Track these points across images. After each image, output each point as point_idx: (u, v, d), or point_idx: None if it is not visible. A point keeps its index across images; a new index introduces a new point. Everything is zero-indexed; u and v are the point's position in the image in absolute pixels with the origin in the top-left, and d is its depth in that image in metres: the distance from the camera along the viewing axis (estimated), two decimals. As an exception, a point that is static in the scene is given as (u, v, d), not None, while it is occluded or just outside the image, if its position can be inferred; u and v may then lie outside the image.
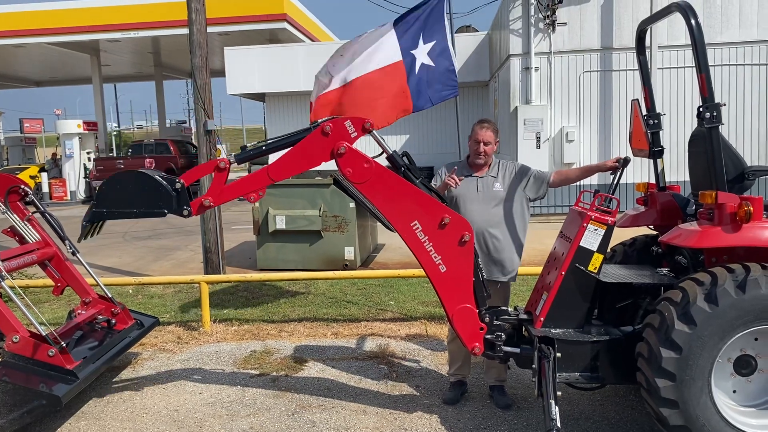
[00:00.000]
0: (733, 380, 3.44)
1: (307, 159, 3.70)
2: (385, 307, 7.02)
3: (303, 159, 3.70)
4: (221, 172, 3.76)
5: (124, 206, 3.79)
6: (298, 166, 3.71)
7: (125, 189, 3.78)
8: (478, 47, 18.03)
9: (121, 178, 3.83)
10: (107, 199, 3.82)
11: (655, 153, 4.30)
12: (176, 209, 3.76)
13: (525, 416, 4.23)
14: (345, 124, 3.66)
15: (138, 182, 3.78)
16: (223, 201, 3.82)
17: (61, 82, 36.18)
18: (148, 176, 3.77)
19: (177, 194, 3.75)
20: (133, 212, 3.78)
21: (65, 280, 5.22)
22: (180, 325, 6.62)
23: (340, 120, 3.68)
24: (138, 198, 3.76)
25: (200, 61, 8.08)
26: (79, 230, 4.02)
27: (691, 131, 4.12)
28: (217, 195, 3.76)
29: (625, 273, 4.07)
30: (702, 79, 3.39)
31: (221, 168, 3.76)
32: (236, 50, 19.75)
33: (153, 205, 3.75)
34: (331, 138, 3.65)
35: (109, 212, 3.83)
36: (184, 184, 3.78)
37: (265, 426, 4.24)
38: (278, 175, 3.72)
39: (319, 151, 3.67)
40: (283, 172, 3.73)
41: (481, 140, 4.24)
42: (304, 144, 3.70)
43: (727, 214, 3.37)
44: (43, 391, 4.03)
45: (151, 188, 3.74)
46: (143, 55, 27.61)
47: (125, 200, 3.78)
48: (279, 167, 3.72)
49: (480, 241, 4.17)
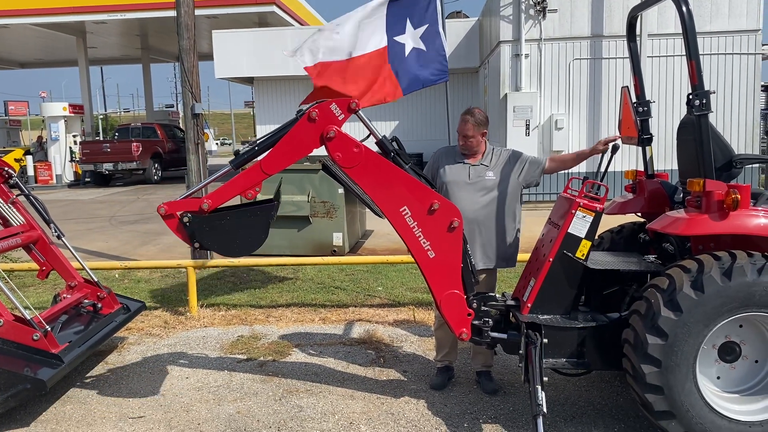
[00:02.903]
0: (717, 366, 3.48)
1: (297, 148, 3.65)
2: (373, 293, 7.02)
3: (294, 148, 3.64)
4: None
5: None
6: (290, 156, 3.65)
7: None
8: (469, 33, 17.96)
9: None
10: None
11: (644, 140, 4.30)
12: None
13: (511, 401, 4.25)
14: (331, 107, 3.61)
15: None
16: (221, 203, 3.66)
17: (46, 64, 35.63)
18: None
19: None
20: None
21: (50, 264, 5.18)
22: (167, 309, 6.60)
23: (325, 104, 3.63)
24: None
25: (188, 43, 7.98)
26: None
27: (679, 120, 4.12)
28: (216, 197, 3.65)
29: (612, 260, 4.08)
30: (692, 67, 3.38)
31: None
32: (224, 33, 19.56)
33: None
34: (319, 123, 3.61)
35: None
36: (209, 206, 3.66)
37: (252, 410, 4.24)
38: (272, 168, 3.65)
39: (308, 138, 3.62)
40: (276, 164, 3.65)
41: (460, 134, 4.23)
42: (292, 133, 3.64)
43: (715, 202, 3.38)
44: (28, 375, 4.00)
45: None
46: (130, 38, 27.26)
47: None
48: (272, 160, 3.66)
49: (470, 229, 4.16)
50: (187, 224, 3.60)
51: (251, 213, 3.68)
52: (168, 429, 4.02)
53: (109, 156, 21.66)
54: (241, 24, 21.90)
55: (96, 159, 21.73)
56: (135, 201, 17.40)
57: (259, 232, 3.67)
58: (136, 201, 17.38)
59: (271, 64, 19.03)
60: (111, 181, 23.14)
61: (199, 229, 3.61)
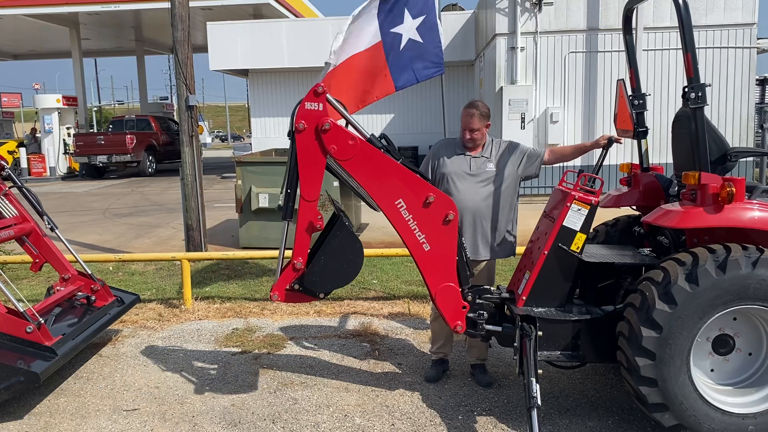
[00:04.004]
0: (711, 359, 3.49)
1: (314, 160, 3.61)
2: (368, 285, 7.02)
3: (312, 163, 3.61)
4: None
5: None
6: (314, 172, 3.62)
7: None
8: (464, 26, 17.90)
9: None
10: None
11: (640, 134, 4.30)
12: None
13: (506, 394, 4.26)
14: (306, 107, 3.55)
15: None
16: (306, 252, 3.70)
17: (39, 56, 35.37)
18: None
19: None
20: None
21: (43, 256, 5.16)
22: (161, 302, 6.58)
23: (299, 109, 3.57)
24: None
25: (182, 35, 7.94)
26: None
27: (674, 114, 4.12)
28: (299, 252, 3.66)
29: (607, 253, 4.09)
30: (688, 59, 3.38)
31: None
32: (219, 25, 19.44)
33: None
34: (309, 126, 3.57)
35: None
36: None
37: (247, 403, 4.23)
38: (311, 193, 3.63)
39: (313, 146, 3.59)
40: (311, 188, 3.63)
41: (466, 128, 4.20)
42: (299, 153, 3.60)
43: (710, 195, 3.39)
44: (21, 368, 3.99)
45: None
46: (124, 29, 27.08)
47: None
48: (306, 187, 3.63)
49: (471, 220, 4.16)
50: (300, 289, 3.73)
51: (332, 238, 3.73)
52: (162, 421, 4.02)
53: (103, 148, 21.57)
54: (236, 16, 21.77)
55: (90, 151, 21.64)
56: (129, 194, 17.34)
57: (353, 243, 3.73)
58: (131, 194, 17.32)
59: (266, 56, 18.93)
60: (105, 174, 23.06)
61: (311, 284, 3.71)
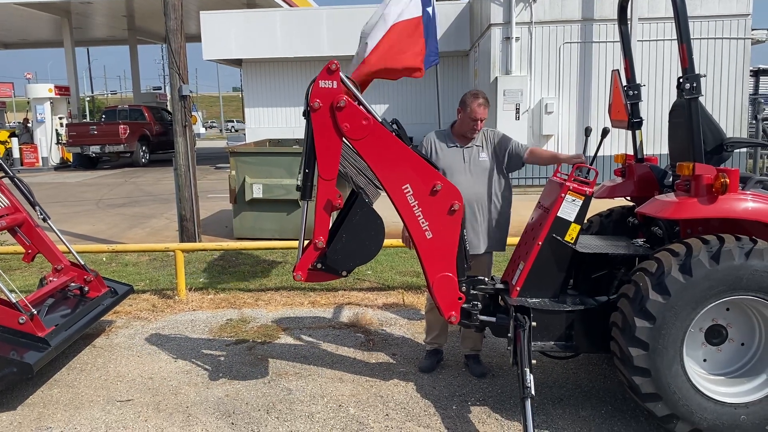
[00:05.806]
0: (703, 349, 3.50)
1: (331, 139, 3.59)
2: (363, 276, 7.02)
3: (329, 142, 3.59)
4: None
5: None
6: (332, 152, 3.61)
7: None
8: (459, 16, 17.84)
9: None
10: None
11: (634, 124, 4.29)
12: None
13: (500, 384, 4.28)
14: (320, 85, 3.53)
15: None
16: (327, 231, 3.72)
17: (31, 45, 35.07)
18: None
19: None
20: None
21: (36, 247, 5.13)
22: (155, 293, 6.56)
23: (314, 87, 3.56)
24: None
25: (175, 24, 7.88)
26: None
27: (668, 105, 4.11)
28: (320, 231, 3.70)
29: (601, 244, 4.09)
30: (683, 50, 3.37)
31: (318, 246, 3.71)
32: (212, 14, 19.30)
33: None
34: (324, 105, 3.54)
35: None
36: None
37: (241, 394, 4.23)
38: (329, 172, 3.63)
39: (329, 125, 3.57)
40: (329, 167, 3.62)
41: (479, 118, 4.12)
42: (316, 132, 3.58)
43: (704, 186, 3.39)
44: (14, 359, 3.98)
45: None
46: (117, 18, 26.86)
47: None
48: (324, 166, 3.61)
49: (470, 212, 4.14)
50: (323, 268, 3.73)
51: (353, 215, 3.72)
52: (156, 412, 4.01)
53: (95, 138, 21.43)
54: (230, 5, 21.62)
55: (83, 141, 21.50)
56: (123, 184, 17.26)
57: (374, 219, 3.72)
58: (124, 184, 17.24)
59: (260, 45, 18.82)
60: (98, 164, 22.93)
61: (334, 262, 3.70)
